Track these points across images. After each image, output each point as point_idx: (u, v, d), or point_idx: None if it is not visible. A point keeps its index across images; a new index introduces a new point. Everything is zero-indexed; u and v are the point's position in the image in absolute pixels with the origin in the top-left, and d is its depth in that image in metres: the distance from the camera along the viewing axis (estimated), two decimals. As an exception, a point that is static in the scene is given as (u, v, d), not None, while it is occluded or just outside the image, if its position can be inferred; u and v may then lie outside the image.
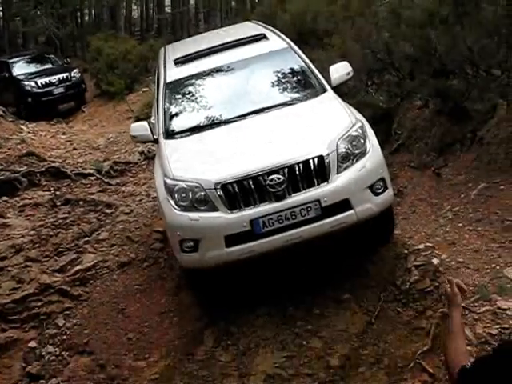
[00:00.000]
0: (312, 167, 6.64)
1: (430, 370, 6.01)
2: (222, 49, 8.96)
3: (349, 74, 8.20)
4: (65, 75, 23.57)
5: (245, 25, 11.01)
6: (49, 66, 24.81)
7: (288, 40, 8.90)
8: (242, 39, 9.12)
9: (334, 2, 15.86)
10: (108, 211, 9.94)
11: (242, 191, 6.58)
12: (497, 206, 8.13)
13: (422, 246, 7.44)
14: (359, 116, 7.55)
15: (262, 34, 9.15)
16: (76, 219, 9.65)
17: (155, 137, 7.93)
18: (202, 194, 6.66)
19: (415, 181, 9.75)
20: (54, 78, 23.31)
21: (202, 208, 6.66)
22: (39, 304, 7.88)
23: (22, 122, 18.49)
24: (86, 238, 9.08)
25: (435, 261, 7.06)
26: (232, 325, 7.09)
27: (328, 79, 8.10)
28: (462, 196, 8.72)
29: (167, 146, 7.61)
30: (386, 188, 6.98)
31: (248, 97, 8.17)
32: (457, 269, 6.95)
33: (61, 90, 23.23)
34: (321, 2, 16.16)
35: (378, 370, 6.30)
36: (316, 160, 6.66)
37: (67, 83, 23.47)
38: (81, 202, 10.24)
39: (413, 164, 10.17)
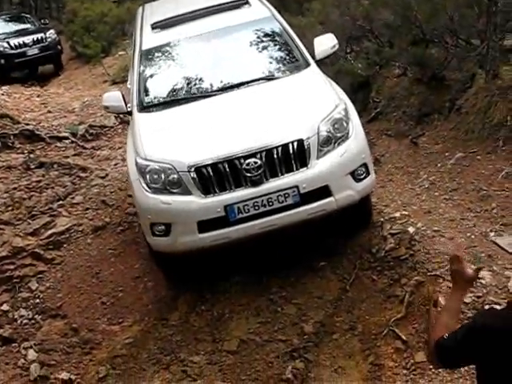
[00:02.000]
0: (291, 151, 6.31)
1: (403, 337, 6.03)
2: (202, 14, 8.52)
3: (334, 47, 7.81)
4: (39, 36, 22.56)
5: None
6: (24, 26, 23.74)
7: (271, 7, 8.51)
8: (224, 4, 8.72)
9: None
10: (83, 175, 9.83)
11: (216, 175, 6.26)
12: (473, 176, 8.18)
13: (397, 215, 7.44)
14: (342, 95, 7.20)
15: (244, 0, 8.70)
16: (50, 182, 9.53)
17: (129, 108, 7.56)
18: (175, 176, 6.36)
19: (392, 149, 9.77)
20: (27, 39, 22.19)
21: (175, 191, 6.38)
22: (12, 267, 7.80)
23: (-5, 84, 18.22)
24: (60, 202, 8.97)
25: (411, 229, 7.07)
26: (206, 291, 7.06)
27: (312, 52, 7.71)
28: (439, 165, 8.75)
29: (141, 120, 7.25)
30: (368, 174, 6.68)
31: (228, 69, 7.74)
32: (432, 237, 6.97)
33: (35, 51, 22.23)
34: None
35: (352, 337, 6.31)
36: (295, 144, 6.32)
37: (42, 44, 22.47)
38: (55, 166, 10.11)
39: (390, 132, 10.18)
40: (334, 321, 6.49)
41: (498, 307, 5.61)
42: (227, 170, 6.24)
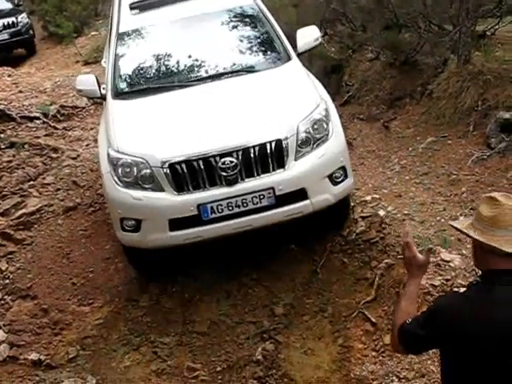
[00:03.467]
0: (268, 151, 6.10)
1: (373, 320, 6.10)
2: None
3: (317, 39, 7.60)
4: (11, 20, 21.11)
5: None
6: None
7: None
8: None
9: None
10: (54, 155, 9.75)
11: (190, 172, 6.06)
12: (443, 160, 8.25)
13: (368, 198, 7.50)
14: (323, 93, 6.98)
15: None
16: (21, 163, 9.44)
17: (103, 92, 7.34)
18: (148, 171, 6.16)
19: (364, 133, 9.81)
20: None
21: (147, 186, 6.19)
22: (-19, 247, 7.75)
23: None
24: (31, 182, 8.90)
25: (381, 212, 7.13)
26: (178, 274, 7.06)
27: (293, 44, 7.47)
28: (410, 149, 8.82)
29: (115, 107, 7.04)
30: (346, 177, 6.52)
31: (207, 58, 7.48)
32: (402, 221, 7.04)
33: (5, 36, 20.86)
34: None
35: (322, 319, 6.36)
36: (273, 144, 6.11)
37: (13, 29, 21.06)
38: (26, 146, 10.01)
39: (362, 116, 10.23)
40: (305, 303, 6.54)
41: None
42: (202, 167, 6.05)
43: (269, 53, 7.64)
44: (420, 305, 5.82)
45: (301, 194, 6.21)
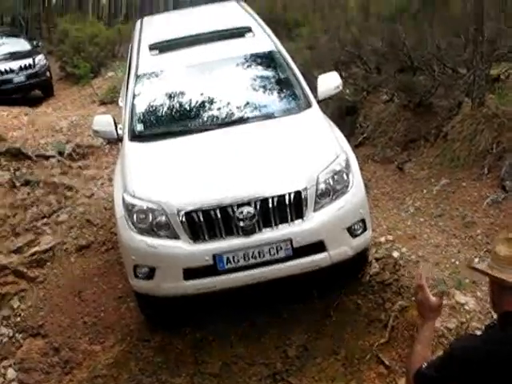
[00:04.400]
0: (287, 202, 5.94)
1: (387, 362, 6.04)
2: (203, 40, 8.09)
3: (338, 87, 7.45)
4: (28, 62, 21.08)
5: (228, 7, 9.93)
6: (15, 48, 22.08)
7: (275, 39, 8.10)
8: (226, 31, 8.33)
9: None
10: (68, 194, 9.80)
11: (207, 221, 5.90)
12: (458, 202, 8.22)
13: (382, 239, 7.47)
14: (344, 143, 6.82)
15: (247, 27, 8.26)
16: (35, 200, 9.50)
17: (120, 134, 7.25)
18: (163, 218, 6.02)
19: (378, 175, 9.80)
20: (14, 65, 20.73)
21: (162, 234, 6.05)
22: (-6, 285, 7.77)
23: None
24: (45, 220, 8.94)
25: (395, 254, 7.10)
26: (191, 316, 6.98)
27: (314, 90, 7.29)
28: (425, 191, 8.79)
29: (131, 150, 6.93)
30: (365, 229, 6.34)
31: (226, 103, 7.34)
32: (417, 262, 7.01)
33: (21, 78, 20.82)
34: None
35: (335, 361, 6.29)
36: (292, 195, 5.95)
37: (29, 71, 20.99)
38: (41, 184, 10.07)
39: (377, 158, 10.22)
40: (317, 345, 6.47)
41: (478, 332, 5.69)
42: (219, 216, 5.89)
43: (289, 99, 7.49)
44: (435, 348, 5.77)
45: (319, 246, 6.05)
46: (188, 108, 7.52)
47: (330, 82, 7.44)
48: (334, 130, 7.09)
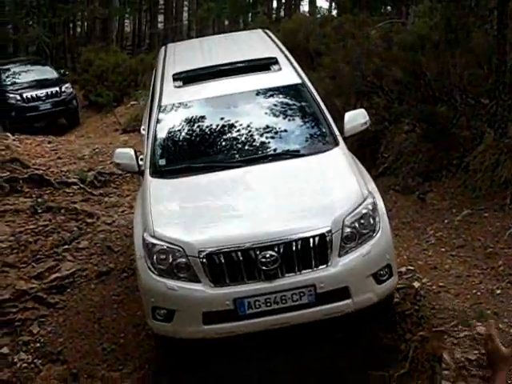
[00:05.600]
0: (311, 246, 5.79)
1: (407, 394, 5.98)
2: (228, 71, 7.94)
3: (365, 123, 7.25)
4: (54, 90, 21.55)
5: (255, 35, 9.84)
6: (42, 76, 22.54)
7: (301, 72, 7.89)
8: (252, 61, 8.15)
9: (326, 24, 15.96)
10: (89, 220, 9.84)
11: (228, 263, 5.76)
12: (480, 233, 8.18)
13: (403, 269, 7.42)
14: (371, 184, 6.65)
15: (273, 59, 8.09)
16: (56, 227, 9.54)
17: (141, 166, 7.17)
18: (184, 260, 5.88)
19: (399, 204, 9.77)
20: (41, 93, 21.34)
21: (182, 275, 5.90)
22: (14, 310, 7.76)
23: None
24: (66, 246, 8.97)
25: (416, 284, 7.05)
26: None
27: (341, 127, 7.14)
28: (446, 221, 8.75)
29: (152, 186, 6.77)
30: (390, 275, 6.15)
31: (251, 139, 7.19)
32: (438, 293, 6.97)
33: (48, 106, 21.24)
34: (314, 23, 16.27)
35: (355, 392, 6.25)
36: (317, 238, 5.79)
37: (56, 99, 21.43)
38: (62, 211, 10.12)
39: (398, 188, 10.20)
40: (337, 374, 6.41)
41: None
42: (241, 259, 5.75)
43: (315, 136, 7.27)
44: (455, 379, 5.73)
45: (343, 293, 5.86)
46: (212, 143, 7.36)
47: (357, 119, 7.25)
48: (361, 169, 6.90)
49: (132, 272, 8.32)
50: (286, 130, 7.36)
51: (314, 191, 6.35)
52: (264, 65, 8.03)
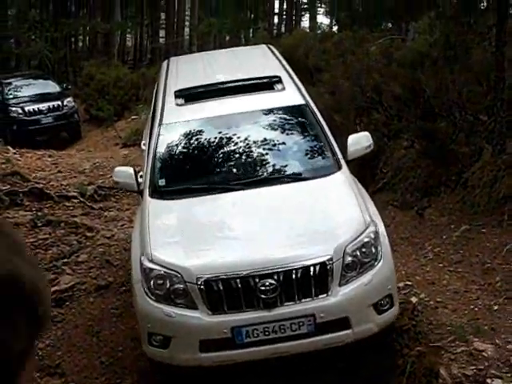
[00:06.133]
0: (311, 274, 5.70)
1: (404, 409, 5.98)
2: (231, 88, 7.87)
3: (369, 147, 7.18)
4: (56, 104, 21.45)
5: (259, 51, 9.80)
6: (44, 90, 22.53)
7: (305, 93, 7.79)
8: (255, 79, 8.07)
9: (326, 40, 16.06)
10: (89, 234, 9.88)
11: (227, 290, 5.68)
12: (478, 249, 8.20)
13: (401, 285, 7.41)
14: (373, 211, 6.55)
15: (277, 77, 7.97)
16: (56, 240, 9.58)
17: (141, 185, 7.07)
18: (181, 286, 5.79)
19: (398, 220, 9.80)
20: (43, 106, 21.28)
21: (179, 302, 5.82)
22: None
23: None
24: (65, 260, 9.00)
25: (414, 299, 7.04)
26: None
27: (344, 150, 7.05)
28: (444, 237, 8.78)
29: (151, 208, 6.63)
30: (392, 305, 6.05)
31: (252, 162, 7.15)
32: (435, 308, 6.99)
33: (49, 119, 21.18)
34: (314, 39, 16.37)
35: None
36: (317, 267, 5.71)
37: (57, 113, 21.34)
38: (62, 224, 10.17)
39: (396, 203, 10.23)
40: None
41: (499, 381, 5.63)
42: (239, 286, 5.67)
43: (318, 159, 7.21)
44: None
45: (343, 323, 5.78)
46: (212, 165, 7.30)
47: (360, 142, 7.17)
48: (363, 193, 6.82)
49: (131, 286, 8.34)
50: (288, 153, 7.31)
51: (316, 217, 6.30)
52: (267, 83, 7.94)
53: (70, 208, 11.21)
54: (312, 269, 5.72)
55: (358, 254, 5.91)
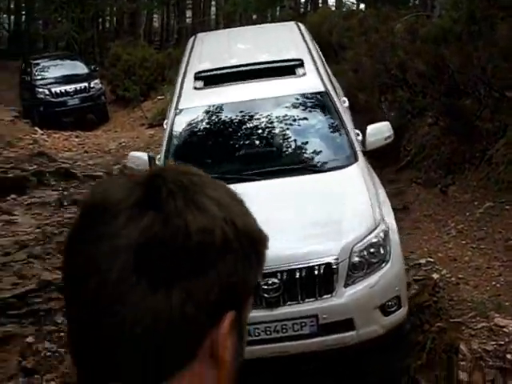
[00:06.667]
0: (316, 274, 5.57)
1: (424, 384, 6.01)
2: (252, 71, 7.60)
3: (389, 137, 7.01)
4: (83, 85, 21.48)
5: (287, 29, 9.61)
6: (72, 72, 22.45)
7: (325, 76, 7.62)
8: (277, 63, 7.84)
9: (351, 17, 15.96)
10: (114, 212, 9.97)
11: None
12: (501, 226, 8.16)
13: (423, 261, 7.42)
14: (387, 208, 6.33)
15: (299, 60, 7.77)
16: (81, 219, 9.66)
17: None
18: None
19: (421, 197, 9.77)
20: (70, 88, 21.26)
21: None
22: (39, 300, 7.87)
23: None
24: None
25: (435, 276, 7.05)
26: None
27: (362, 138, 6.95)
28: (467, 214, 8.74)
29: None
30: (399, 307, 5.88)
31: (265, 151, 7.04)
32: (456, 284, 6.98)
33: (76, 101, 21.17)
34: (338, 17, 16.29)
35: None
36: (323, 267, 5.57)
37: (84, 94, 21.33)
38: (88, 203, 10.26)
39: (420, 181, 10.19)
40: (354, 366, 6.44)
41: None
42: None
43: (333, 150, 6.99)
44: (472, 370, 5.75)
45: (347, 325, 5.64)
46: (227, 153, 7.11)
47: (379, 133, 7.02)
48: (378, 188, 6.59)
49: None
50: (303, 143, 7.10)
51: (324, 214, 6.08)
52: (289, 67, 7.75)
53: (95, 187, 11.30)
54: (317, 269, 5.57)
55: (366, 254, 5.76)
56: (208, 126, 7.43)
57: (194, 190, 1.03)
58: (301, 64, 7.72)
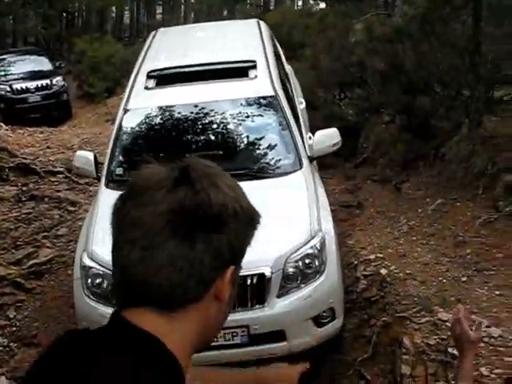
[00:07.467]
0: (248, 284, 5.44)
1: (368, 378, 6.09)
2: (205, 72, 7.47)
3: (336, 144, 6.88)
4: (45, 82, 21.25)
5: (247, 28, 9.46)
6: (35, 68, 22.02)
7: (276, 80, 7.43)
8: (231, 64, 7.66)
9: (310, 16, 16.08)
10: (71, 208, 9.98)
11: None
12: (451, 222, 8.27)
13: (372, 257, 7.54)
14: (327, 219, 6.17)
15: (253, 62, 7.60)
16: (39, 215, 9.67)
17: (99, 174, 6.75)
18: None
19: (376, 194, 9.90)
20: (31, 84, 21.05)
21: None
22: (-8, 295, 7.91)
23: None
24: (46, 233, 9.10)
25: (383, 271, 7.16)
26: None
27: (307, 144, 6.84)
28: (419, 211, 8.86)
29: (102, 199, 6.31)
30: (333, 318, 5.82)
31: (209, 154, 6.67)
32: (404, 280, 7.06)
33: (37, 98, 20.97)
34: (297, 16, 16.39)
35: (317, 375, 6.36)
36: (255, 278, 5.46)
37: (45, 92, 21.08)
38: (46, 199, 10.25)
39: (375, 177, 10.32)
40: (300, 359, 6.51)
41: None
42: None
43: (278, 156, 6.86)
44: (415, 364, 5.85)
45: (278, 336, 5.59)
46: (169, 156, 6.65)
47: (327, 140, 6.91)
48: (320, 197, 6.44)
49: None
50: (248, 148, 7.03)
51: (261, 223, 5.84)
52: (242, 69, 7.61)
53: (55, 183, 11.28)
54: (249, 279, 5.47)
55: (301, 264, 5.68)
56: (155, 128, 7.34)
57: (213, 175, 1.48)
58: (254, 66, 7.61)
